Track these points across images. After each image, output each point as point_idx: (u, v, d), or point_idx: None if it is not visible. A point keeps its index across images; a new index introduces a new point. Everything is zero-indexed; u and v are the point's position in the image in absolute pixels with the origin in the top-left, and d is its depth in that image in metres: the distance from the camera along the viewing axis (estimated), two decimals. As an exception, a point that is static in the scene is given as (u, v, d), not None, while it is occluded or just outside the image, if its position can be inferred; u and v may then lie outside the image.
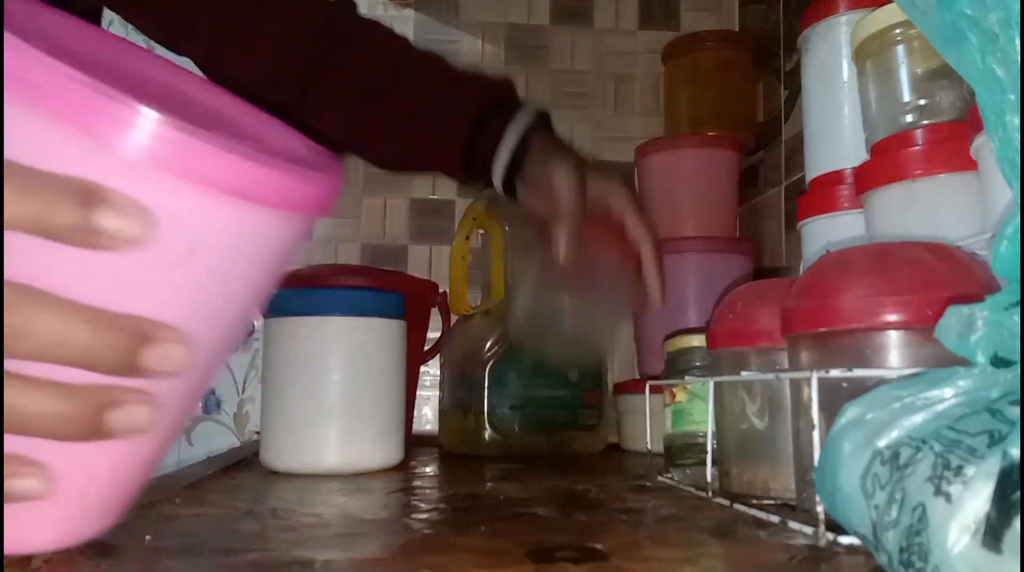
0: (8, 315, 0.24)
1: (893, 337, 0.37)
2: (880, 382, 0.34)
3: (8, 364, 0.25)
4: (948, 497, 0.24)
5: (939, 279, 0.36)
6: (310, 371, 0.64)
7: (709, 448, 0.53)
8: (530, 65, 1.12)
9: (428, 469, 0.70)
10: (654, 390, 0.65)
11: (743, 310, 0.51)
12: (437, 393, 0.94)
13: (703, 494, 0.52)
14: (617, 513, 0.46)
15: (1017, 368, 0.26)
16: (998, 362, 0.27)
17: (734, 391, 0.51)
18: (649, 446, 0.70)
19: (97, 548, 0.35)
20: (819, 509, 0.36)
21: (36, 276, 0.24)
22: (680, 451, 0.60)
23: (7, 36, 0.23)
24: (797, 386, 0.43)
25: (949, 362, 0.29)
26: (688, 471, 0.59)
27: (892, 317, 0.36)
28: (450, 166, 0.69)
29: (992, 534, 0.23)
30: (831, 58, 0.63)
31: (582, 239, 0.61)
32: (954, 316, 0.28)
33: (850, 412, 0.31)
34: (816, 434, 0.38)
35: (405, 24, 1.11)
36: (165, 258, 0.26)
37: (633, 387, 0.87)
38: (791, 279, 0.46)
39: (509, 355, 0.85)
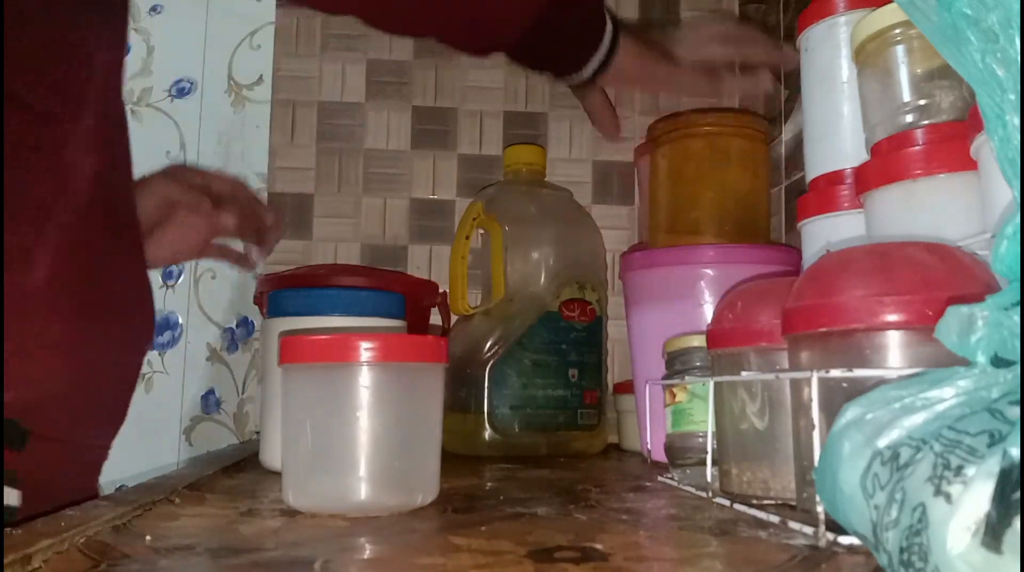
0: None
1: (893, 337, 0.37)
2: (880, 382, 0.34)
3: None
4: (948, 497, 0.24)
5: (939, 279, 0.36)
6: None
7: (709, 448, 0.53)
8: (530, 65, 1.12)
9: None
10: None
11: (743, 310, 0.51)
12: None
13: (703, 494, 0.52)
14: (617, 513, 0.46)
15: (1017, 368, 0.26)
16: (998, 362, 0.27)
17: (734, 391, 0.51)
18: (650, 447, 0.70)
19: (97, 548, 0.35)
20: (819, 509, 0.36)
21: None
22: (680, 451, 0.60)
23: None
24: (797, 386, 0.43)
25: (949, 362, 0.29)
26: (688, 471, 0.59)
27: (892, 317, 0.36)
28: None
29: (992, 534, 0.23)
30: (831, 58, 0.63)
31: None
32: (954, 316, 0.28)
33: (850, 412, 0.31)
34: (816, 434, 0.38)
35: (405, 24, 1.11)
36: None
37: (633, 387, 0.87)
38: (791, 279, 0.46)
39: (509, 355, 0.85)
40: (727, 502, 0.48)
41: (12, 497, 0.52)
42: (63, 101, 0.57)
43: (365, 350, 0.45)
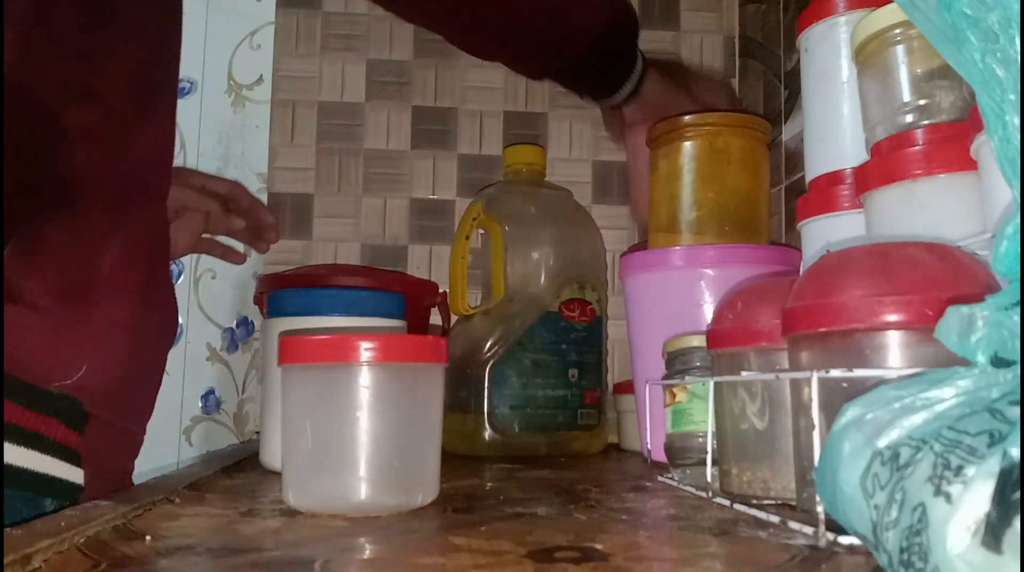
0: None
1: (893, 337, 0.37)
2: (880, 382, 0.34)
3: None
4: (948, 497, 0.24)
5: (939, 279, 0.36)
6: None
7: (709, 448, 0.53)
8: (530, 65, 1.12)
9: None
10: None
11: (743, 310, 0.51)
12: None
13: (703, 494, 0.52)
14: (617, 513, 0.46)
15: (1017, 368, 0.26)
16: (998, 362, 0.27)
17: (734, 391, 0.51)
18: (650, 447, 0.70)
19: (97, 548, 0.35)
20: (819, 509, 0.36)
21: None
22: (680, 451, 0.60)
23: None
24: (797, 386, 0.43)
25: (949, 362, 0.29)
26: (688, 471, 0.59)
27: (892, 317, 0.36)
28: None
29: (992, 534, 0.23)
30: (831, 58, 0.63)
31: None
32: (954, 316, 0.28)
33: (850, 412, 0.31)
34: (816, 434, 0.38)
35: (405, 24, 1.11)
36: None
37: (633, 387, 0.87)
38: (791, 279, 0.46)
39: (509, 355, 0.85)
40: (727, 502, 0.48)
41: (77, 476, 0.55)
42: (140, 97, 0.61)
43: (365, 350, 0.45)
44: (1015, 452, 0.23)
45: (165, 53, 0.65)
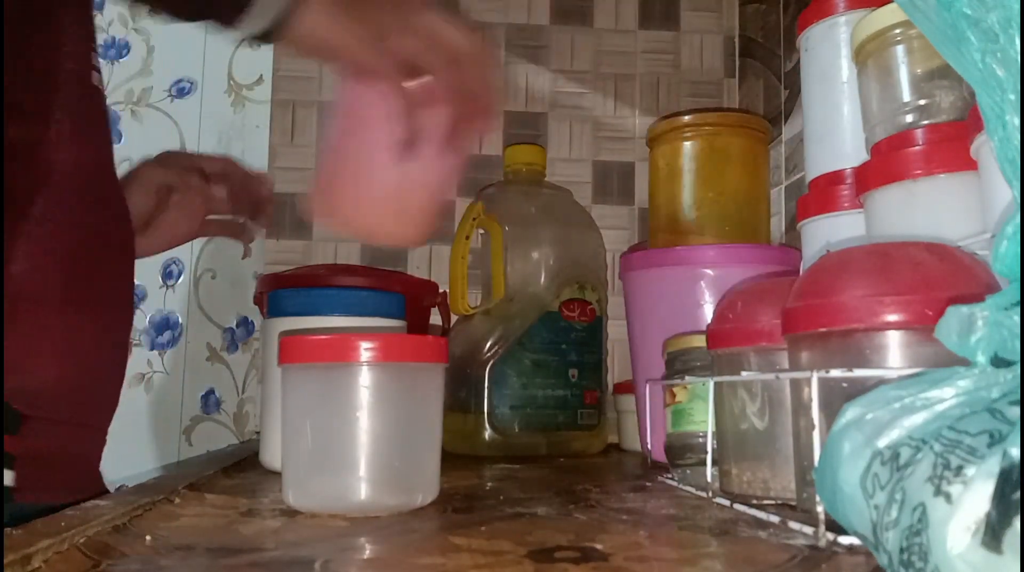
0: None
1: (893, 337, 0.37)
2: (880, 382, 0.34)
3: None
4: (948, 497, 0.24)
5: (939, 279, 0.36)
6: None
7: (709, 448, 0.53)
8: (530, 65, 1.12)
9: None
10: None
11: (743, 310, 0.51)
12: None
13: (703, 494, 0.52)
14: (617, 513, 0.46)
15: (1017, 368, 0.26)
16: (998, 362, 0.27)
17: (734, 391, 0.51)
18: (650, 447, 0.70)
19: (97, 548, 0.35)
20: (819, 509, 0.36)
21: None
22: (680, 451, 0.60)
23: None
24: (797, 386, 0.43)
25: (949, 362, 0.29)
26: (688, 471, 0.59)
27: (892, 317, 0.36)
28: None
29: (992, 534, 0.23)
30: (831, 58, 0.63)
31: None
32: (954, 316, 0.28)
33: (850, 412, 0.31)
34: (816, 434, 0.38)
35: (405, 24, 1.11)
36: None
37: (633, 387, 0.87)
38: (791, 279, 0.46)
39: (509, 355, 0.85)
40: (727, 502, 0.48)
41: (7, 478, 0.54)
42: (38, 98, 0.59)
43: (365, 350, 0.45)
44: (1015, 452, 0.23)
45: (73, 50, 0.64)
